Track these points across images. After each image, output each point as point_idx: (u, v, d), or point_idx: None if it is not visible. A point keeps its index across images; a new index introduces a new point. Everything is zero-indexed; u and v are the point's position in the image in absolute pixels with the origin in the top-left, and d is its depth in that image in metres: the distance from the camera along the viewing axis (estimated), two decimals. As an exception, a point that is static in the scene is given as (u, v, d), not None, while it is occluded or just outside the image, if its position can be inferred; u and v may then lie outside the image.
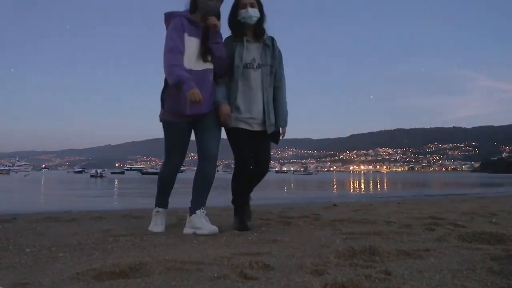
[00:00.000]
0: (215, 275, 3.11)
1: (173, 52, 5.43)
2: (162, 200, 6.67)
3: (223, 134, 6.40)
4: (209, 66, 5.80)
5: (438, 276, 3.07)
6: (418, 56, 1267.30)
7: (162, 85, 6.17)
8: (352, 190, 33.16)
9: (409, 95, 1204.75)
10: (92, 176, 79.94)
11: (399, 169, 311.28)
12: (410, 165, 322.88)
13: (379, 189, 33.10)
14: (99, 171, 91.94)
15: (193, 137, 6.47)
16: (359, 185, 42.58)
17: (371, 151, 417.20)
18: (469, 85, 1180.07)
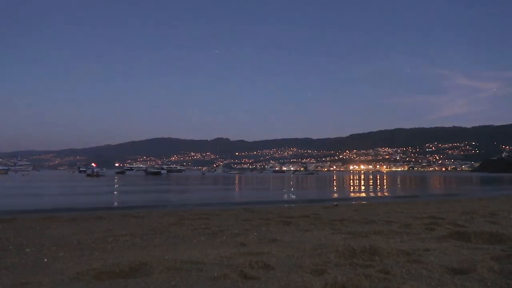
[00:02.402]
0: (215, 275, 3.12)
1: None
2: None
3: (225, 135, 6.39)
4: None
5: (438, 276, 3.08)
6: (388, 53, 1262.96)
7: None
8: (351, 189, 33.17)
9: (385, 94, 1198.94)
10: (88, 175, 79.91)
11: (399, 169, 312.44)
12: (410, 165, 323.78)
13: (379, 189, 33.08)
14: (95, 170, 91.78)
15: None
16: (359, 184, 42.67)
17: (371, 150, 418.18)
18: (446, 84, 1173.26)
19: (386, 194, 27.33)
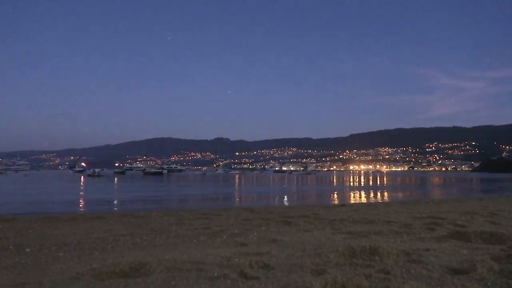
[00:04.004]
0: (215, 275, 3.12)
1: None
2: None
3: (225, 135, 6.39)
4: None
5: (438, 276, 3.07)
6: (363, 51, 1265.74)
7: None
8: (352, 190, 33.12)
9: (368, 93, 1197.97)
10: (89, 175, 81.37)
11: (399, 169, 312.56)
12: (410, 165, 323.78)
13: (379, 189, 33.01)
14: (96, 170, 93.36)
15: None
16: (358, 184, 42.66)
17: (371, 150, 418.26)
18: (430, 83, 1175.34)
19: (386, 194, 27.29)
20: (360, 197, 24.21)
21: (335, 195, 25.55)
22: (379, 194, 27.17)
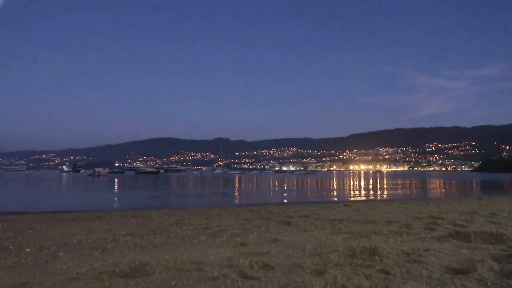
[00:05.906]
0: (215, 275, 3.12)
1: None
2: None
3: (225, 135, 6.41)
4: None
5: (438, 276, 3.07)
6: (363, 51, 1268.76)
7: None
8: (352, 190, 33.06)
9: (368, 93, 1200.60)
10: (90, 175, 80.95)
11: (399, 169, 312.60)
12: (410, 165, 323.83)
13: (379, 189, 32.92)
14: (97, 170, 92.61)
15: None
16: (358, 184, 42.56)
17: (371, 150, 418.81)
18: (410, 83, 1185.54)
19: (386, 194, 27.29)
20: (360, 197, 24.19)
21: (335, 195, 25.53)
22: (379, 194, 27.15)
